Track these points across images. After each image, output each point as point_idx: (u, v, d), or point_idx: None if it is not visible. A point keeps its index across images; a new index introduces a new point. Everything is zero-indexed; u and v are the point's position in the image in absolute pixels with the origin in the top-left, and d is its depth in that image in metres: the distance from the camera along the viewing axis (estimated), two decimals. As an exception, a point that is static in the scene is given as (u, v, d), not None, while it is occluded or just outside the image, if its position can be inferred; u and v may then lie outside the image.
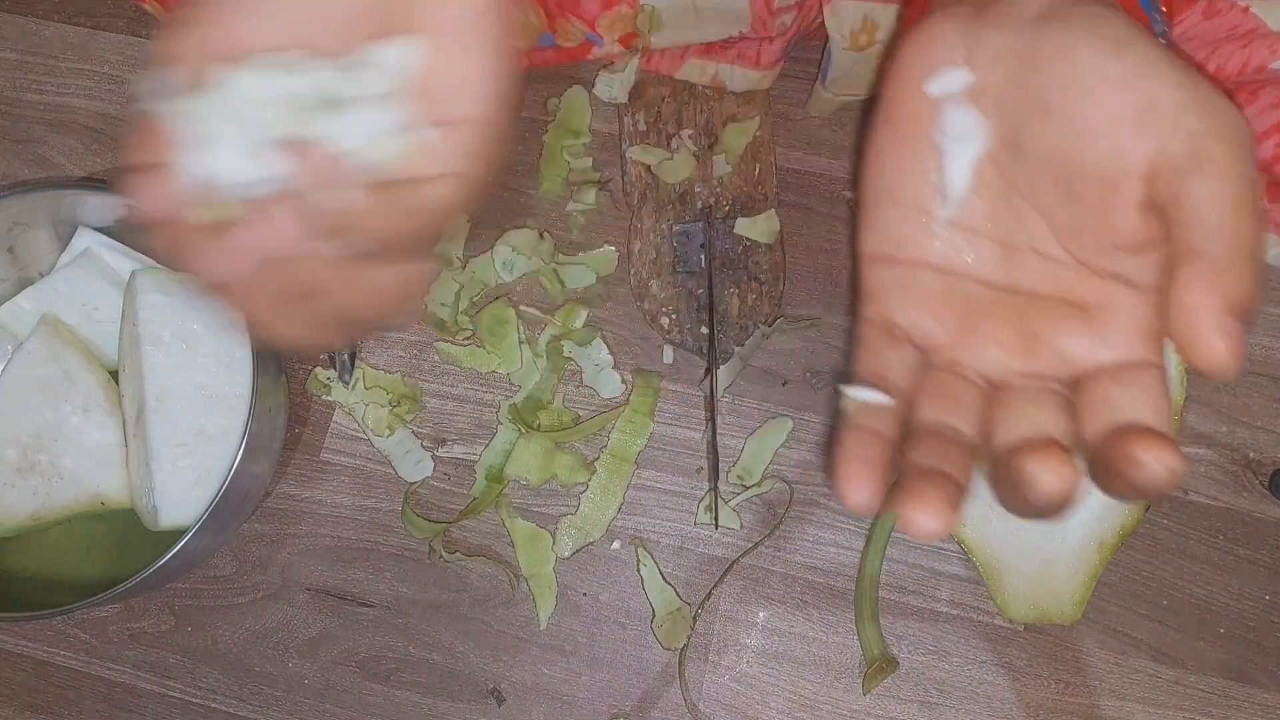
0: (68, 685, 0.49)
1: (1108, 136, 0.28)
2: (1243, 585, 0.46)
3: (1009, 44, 0.30)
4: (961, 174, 0.31)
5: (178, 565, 0.43)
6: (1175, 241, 0.27)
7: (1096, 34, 0.29)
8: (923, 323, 0.32)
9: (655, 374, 0.50)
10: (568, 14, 0.48)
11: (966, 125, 0.31)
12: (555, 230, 0.52)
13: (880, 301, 0.33)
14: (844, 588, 0.48)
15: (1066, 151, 0.29)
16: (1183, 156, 0.27)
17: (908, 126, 0.32)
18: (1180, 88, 0.27)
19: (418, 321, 0.52)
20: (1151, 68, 0.28)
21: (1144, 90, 0.28)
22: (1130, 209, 0.29)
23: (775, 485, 0.49)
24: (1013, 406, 0.30)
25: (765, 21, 0.46)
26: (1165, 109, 0.27)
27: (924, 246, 0.32)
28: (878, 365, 0.32)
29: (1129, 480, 0.25)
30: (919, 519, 0.26)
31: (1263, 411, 0.48)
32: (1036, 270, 0.31)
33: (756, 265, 0.50)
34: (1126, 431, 0.26)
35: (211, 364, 0.46)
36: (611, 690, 0.48)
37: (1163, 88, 0.28)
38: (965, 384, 0.31)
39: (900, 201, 0.33)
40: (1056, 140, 0.30)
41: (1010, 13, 0.31)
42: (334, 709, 0.48)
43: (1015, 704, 0.46)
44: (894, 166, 0.33)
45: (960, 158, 0.31)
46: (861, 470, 0.29)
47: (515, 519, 0.49)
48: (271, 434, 0.47)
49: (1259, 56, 0.41)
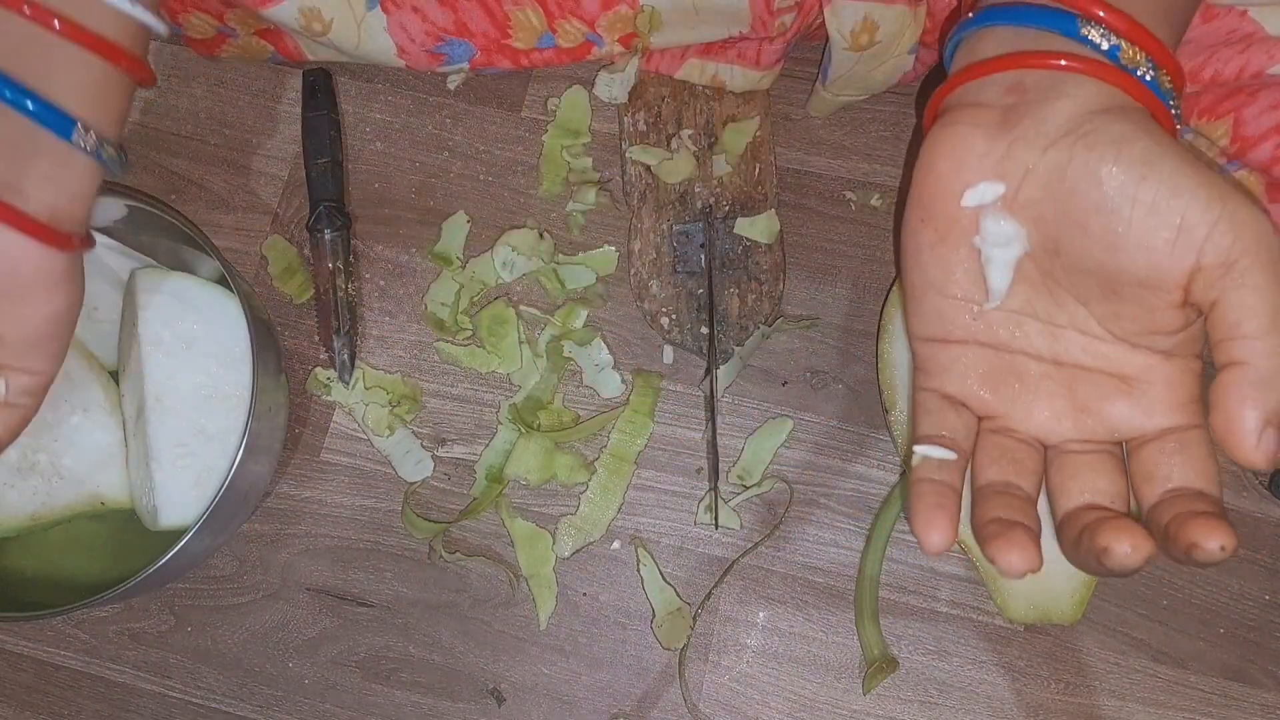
0: (68, 685, 0.49)
1: (1145, 254, 0.30)
2: (1243, 585, 0.46)
3: (1039, 161, 0.32)
4: (1002, 275, 0.33)
5: (178, 565, 0.43)
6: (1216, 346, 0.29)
7: (1123, 156, 0.30)
8: (977, 393, 0.34)
9: (655, 374, 0.50)
10: (568, 14, 0.48)
11: (1004, 233, 0.33)
12: (555, 230, 0.52)
13: (935, 375, 0.35)
14: (844, 588, 0.48)
15: (1105, 263, 0.31)
16: (1218, 269, 0.29)
17: (946, 229, 0.34)
18: (1208, 207, 0.29)
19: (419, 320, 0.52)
20: (1180, 188, 0.29)
21: (1175, 212, 0.29)
22: (1170, 308, 0.30)
23: (775, 485, 0.49)
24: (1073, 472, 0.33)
25: (765, 22, 0.46)
26: (1197, 229, 0.29)
27: (972, 329, 0.34)
28: (938, 427, 0.34)
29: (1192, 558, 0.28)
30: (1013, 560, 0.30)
31: (1263, 411, 0.48)
32: (1080, 347, 0.33)
33: (756, 265, 0.50)
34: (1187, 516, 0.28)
35: (211, 364, 0.46)
36: (611, 690, 0.48)
37: (1192, 209, 0.29)
38: (1022, 446, 0.34)
39: (946, 293, 0.34)
40: (1095, 253, 0.31)
41: (1038, 129, 0.32)
42: (334, 709, 0.48)
43: (1015, 704, 0.46)
44: (936, 264, 0.34)
45: (1000, 261, 0.33)
46: (936, 516, 0.32)
47: (515, 519, 0.49)
48: (272, 434, 0.47)
49: (1256, 61, 0.41)
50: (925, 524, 0.32)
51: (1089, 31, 0.32)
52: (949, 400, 0.35)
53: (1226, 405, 0.28)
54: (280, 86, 0.55)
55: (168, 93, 0.55)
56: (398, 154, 0.54)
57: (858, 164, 0.52)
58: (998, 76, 0.33)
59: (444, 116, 0.54)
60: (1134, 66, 0.32)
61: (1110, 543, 0.29)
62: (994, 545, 0.30)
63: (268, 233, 0.53)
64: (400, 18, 0.48)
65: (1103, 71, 0.32)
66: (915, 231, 0.35)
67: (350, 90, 0.55)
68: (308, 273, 0.52)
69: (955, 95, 0.35)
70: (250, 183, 0.54)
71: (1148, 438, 0.32)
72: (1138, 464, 0.32)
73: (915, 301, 0.36)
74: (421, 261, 0.52)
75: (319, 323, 0.52)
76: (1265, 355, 0.28)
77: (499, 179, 0.53)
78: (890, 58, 0.46)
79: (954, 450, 0.33)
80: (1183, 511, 0.29)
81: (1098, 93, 0.32)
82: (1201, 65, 0.42)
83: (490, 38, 0.50)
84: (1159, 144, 0.30)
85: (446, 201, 0.53)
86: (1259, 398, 0.28)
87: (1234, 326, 0.28)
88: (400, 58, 0.50)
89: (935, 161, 0.33)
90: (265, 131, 0.55)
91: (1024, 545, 0.30)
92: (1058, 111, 0.31)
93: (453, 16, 0.49)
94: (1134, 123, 0.31)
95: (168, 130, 0.55)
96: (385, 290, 0.52)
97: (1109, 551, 0.29)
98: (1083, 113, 0.31)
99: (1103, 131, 0.31)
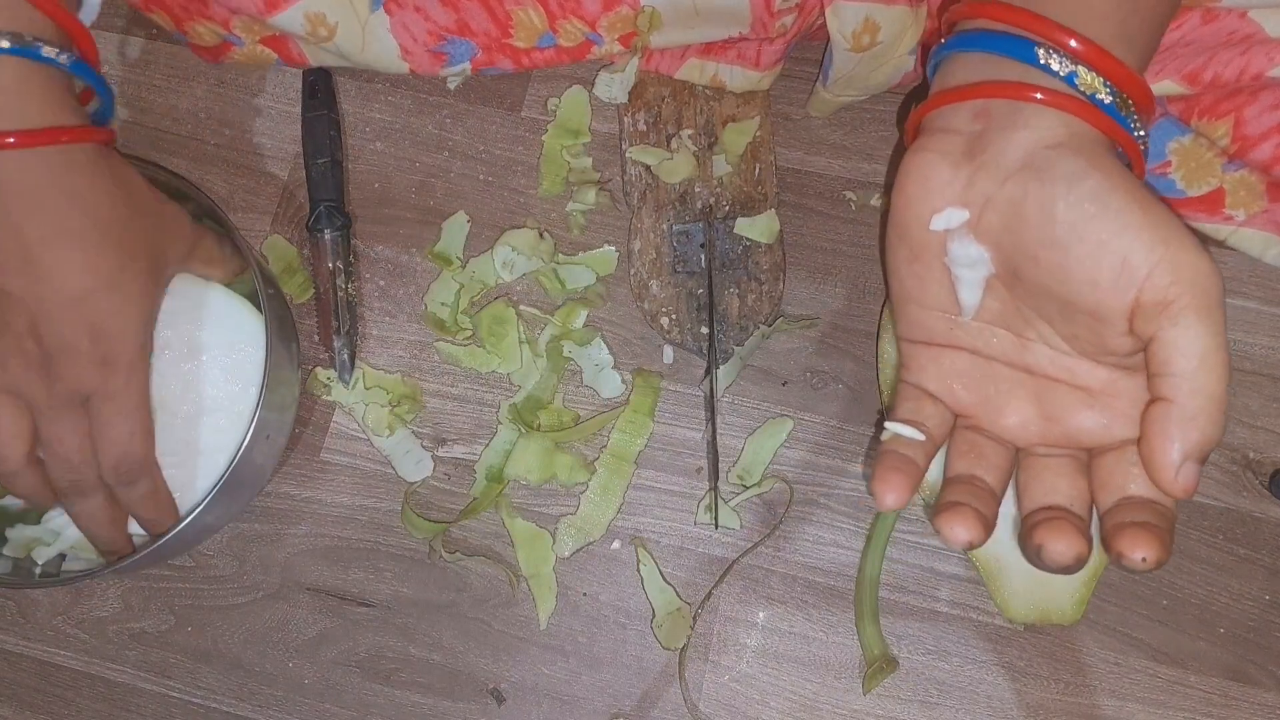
0: (68, 685, 0.49)
1: (1090, 288, 0.31)
2: (1243, 585, 0.46)
3: (997, 193, 0.33)
4: (972, 292, 0.35)
5: (179, 543, 0.43)
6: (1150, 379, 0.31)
7: (1073, 194, 0.31)
8: (953, 391, 0.37)
9: (655, 374, 0.50)
10: (569, 14, 0.48)
11: (970, 256, 0.34)
12: (555, 230, 0.52)
13: (915, 372, 0.38)
14: (844, 588, 0.48)
15: (1056, 291, 0.32)
16: (1155, 306, 0.30)
17: (920, 249, 0.36)
18: (1151, 248, 0.30)
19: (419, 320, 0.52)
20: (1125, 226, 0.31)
21: (1118, 252, 0.31)
22: (1120, 335, 0.32)
23: (775, 485, 0.49)
24: (1036, 474, 0.35)
25: (765, 23, 0.46)
26: (1139, 268, 0.30)
27: (950, 336, 0.37)
28: (913, 414, 0.37)
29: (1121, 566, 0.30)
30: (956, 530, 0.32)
31: (1263, 411, 0.48)
32: (1048, 359, 0.35)
33: (756, 265, 0.50)
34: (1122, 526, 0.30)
35: (219, 378, 0.45)
36: (611, 690, 0.48)
37: (1135, 249, 0.30)
38: (991, 444, 0.36)
39: (924, 305, 0.37)
40: (1047, 281, 0.33)
41: (996, 162, 0.33)
42: (334, 709, 0.48)
43: (1015, 704, 0.46)
44: (912, 279, 0.37)
45: (968, 280, 0.35)
46: (893, 477, 0.34)
47: (515, 519, 0.49)
48: (280, 429, 0.46)
49: (1257, 63, 0.41)
50: (882, 483, 0.34)
51: (1047, 59, 0.33)
52: (927, 394, 0.37)
53: (1151, 437, 0.30)
54: (280, 86, 0.55)
55: (168, 93, 0.55)
56: (398, 154, 0.54)
57: (858, 164, 0.52)
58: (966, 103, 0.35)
59: (444, 116, 0.54)
60: (1092, 92, 0.33)
61: (1045, 540, 0.31)
62: (941, 518, 0.32)
63: (268, 233, 0.53)
64: (403, 18, 0.48)
65: (1060, 101, 0.33)
66: (893, 248, 0.37)
67: (350, 90, 0.55)
68: (308, 273, 0.52)
69: (930, 118, 0.36)
70: (250, 183, 0.54)
71: (1108, 447, 0.34)
72: (1096, 472, 0.33)
73: (898, 308, 0.38)
74: (421, 261, 0.52)
75: (319, 323, 0.52)
76: (1189, 394, 0.30)
77: (499, 179, 0.53)
78: (891, 58, 0.46)
79: (924, 434, 0.36)
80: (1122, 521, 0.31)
81: (1055, 123, 0.33)
82: (1202, 67, 0.42)
83: (492, 37, 0.50)
84: (1109, 181, 0.31)
85: (446, 201, 0.53)
86: (1180, 434, 0.30)
87: (1165, 363, 0.30)
88: (404, 59, 0.50)
89: (906, 185, 0.35)
90: (265, 131, 0.55)
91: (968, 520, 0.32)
92: (1016, 144, 0.33)
93: (455, 16, 0.49)
94: (1087, 158, 0.32)
95: (168, 130, 0.55)
96: (385, 290, 0.52)
97: (1044, 549, 0.31)
98: (1039, 146, 0.32)
99: (1056, 168, 0.32)
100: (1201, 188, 0.46)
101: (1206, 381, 0.30)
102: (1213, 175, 0.46)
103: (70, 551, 0.46)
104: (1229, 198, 0.46)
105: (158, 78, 0.56)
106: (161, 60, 0.56)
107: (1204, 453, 0.30)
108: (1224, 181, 0.46)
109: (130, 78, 0.56)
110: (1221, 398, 0.30)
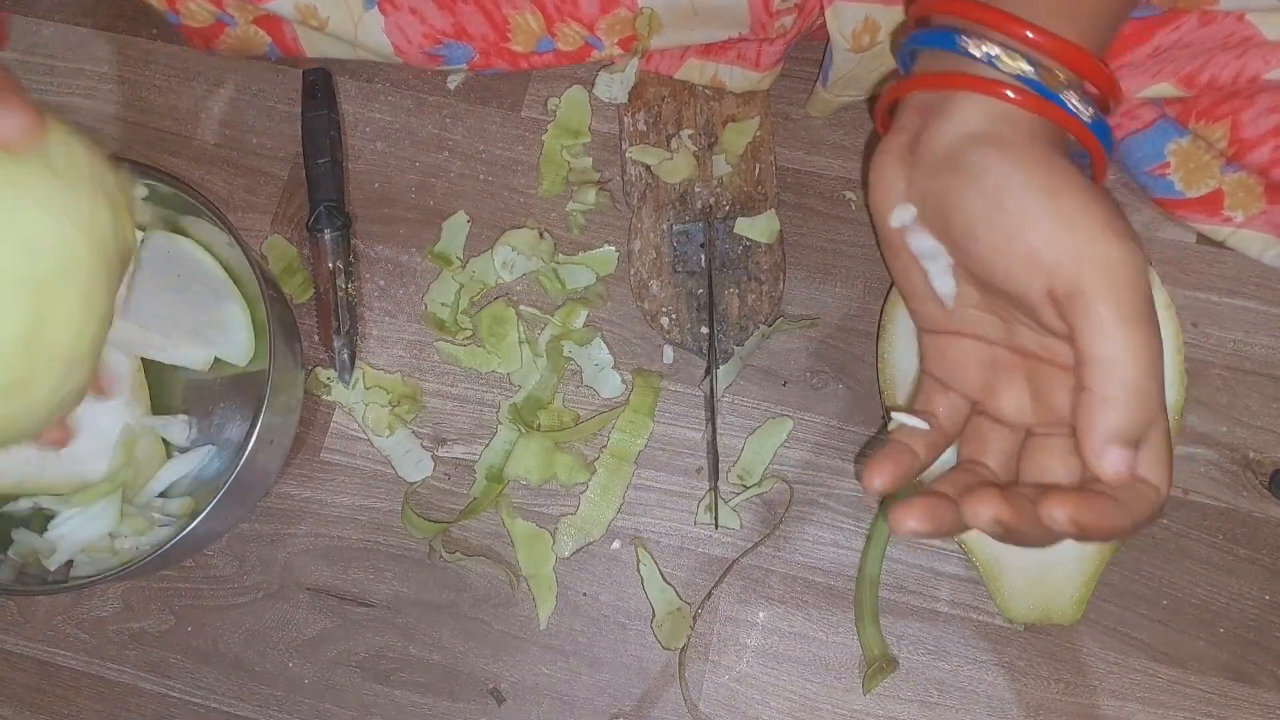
0: (68, 685, 0.49)
1: (1012, 280, 0.32)
2: (1243, 585, 0.46)
3: (926, 185, 0.34)
4: (943, 280, 0.36)
5: (184, 548, 0.43)
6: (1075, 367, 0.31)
7: (979, 187, 0.32)
8: (963, 378, 0.37)
9: (655, 374, 0.50)
10: (567, 18, 0.48)
11: (926, 248, 0.35)
12: (555, 230, 0.52)
13: (930, 361, 0.38)
14: (844, 588, 0.48)
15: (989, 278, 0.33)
16: (1065, 297, 0.30)
17: (894, 245, 0.37)
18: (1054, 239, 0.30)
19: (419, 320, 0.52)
20: (1029, 219, 0.31)
21: (1026, 242, 0.31)
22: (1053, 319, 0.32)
23: (775, 485, 0.49)
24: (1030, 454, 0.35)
25: (765, 24, 0.46)
26: (1046, 257, 0.30)
27: (951, 323, 0.37)
28: (924, 404, 0.38)
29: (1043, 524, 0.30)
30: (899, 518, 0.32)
31: (1263, 411, 0.48)
32: (1032, 340, 0.35)
33: (756, 265, 0.50)
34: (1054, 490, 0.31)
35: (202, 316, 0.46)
36: (611, 690, 0.48)
37: (1041, 238, 0.30)
38: (995, 428, 0.36)
39: (916, 296, 0.37)
40: (980, 273, 0.33)
41: (924, 157, 0.34)
42: (334, 709, 0.48)
43: (1015, 704, 0.46)
44: (899, 272, 0.37)
45: (935, 270, 0.35)
46: (883, 464, 0.35)
47: (515, 519, 0.49)
48: (285, 429, 0.46)
49: (1253, 66, 0.41)
50: (871, 469, 0.35)
51: (965, 43, 0.33)
52: (939, 383, 0.38)
53: (1077, 424, 0.31)
54: (280, 86, 0.55)
55: (168, 93, 0.55)
56: (398, 154, 0.54)
57: (858, 164, 0.52)
58: (910, 98, 0.35)
59: (444, 116, 0.54)
60: (1014, 71, 0.32)
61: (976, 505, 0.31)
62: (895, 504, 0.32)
63: (268, 233, 0.53)
64: (398, 19, 0.48)
65: (981, 85, 0.32)
66: (880, 244, 0.38)
67: (350, 90, 0.55)
68: (308, 273, 0.52)
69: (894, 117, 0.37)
70: (250, 183, 0.54)
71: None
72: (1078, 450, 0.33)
73: (905, 300, 0.39)
74: (421, 261, 0.52)
75: (319, 323, 0.52)
76: (1102, 381, 0.30)
77: (499, 179, 0.53)
78: (891, 58, 0.46)
79: (928, 423, 0.36)
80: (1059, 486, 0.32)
81: (976, 110, 0.32)
82: (1199, 69, 0.42)
83: (489, 41, 0.50)
84: (1018, 171, 0.31)
85: (446, 201, 0.53)
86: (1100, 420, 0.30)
87: (1081, 351, 0.30)
88: (397, 56, 0.50)
89: (871, 185, 0.36)
90: (265, 131, 0.55)
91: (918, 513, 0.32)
92: (939, 138, 0.33)
93: (451, 20, 0.49)
94: (998, 148, 0.32)
95: (168, 130, 0.55)
96: (385, 290, 0.52)
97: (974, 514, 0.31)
98: (957, 138, 0.32)
99: (967, 161, 0.32)
100: (1200, 189, 0.46)
101: (1122, 368, 0.29)
102: (1211, 177, 0.46)
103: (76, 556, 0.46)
104: (1228, 199, 0.46)
105: (158, 78, 0.56)
106: (161, 60, 0.56)
107: (1127, 437, 0.30)
108: (1223, 183, 0.46)
109: (130, 78, 0.56)
110: (1138, 382, 0.29)
